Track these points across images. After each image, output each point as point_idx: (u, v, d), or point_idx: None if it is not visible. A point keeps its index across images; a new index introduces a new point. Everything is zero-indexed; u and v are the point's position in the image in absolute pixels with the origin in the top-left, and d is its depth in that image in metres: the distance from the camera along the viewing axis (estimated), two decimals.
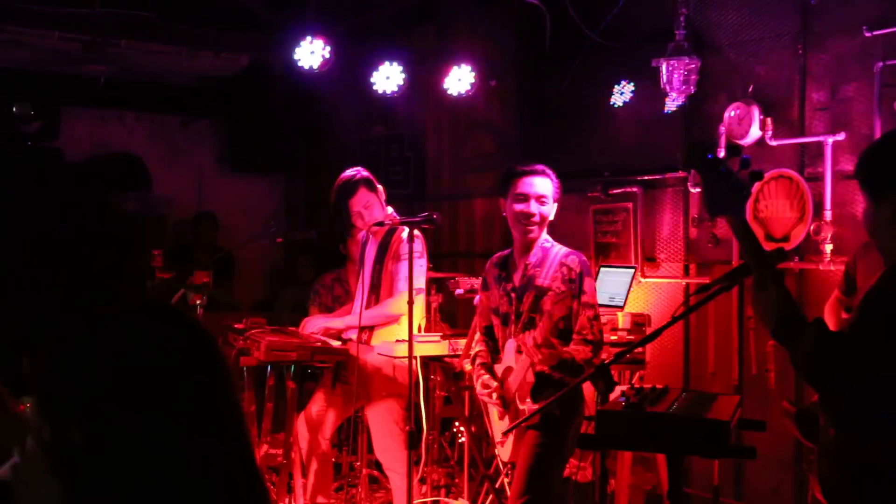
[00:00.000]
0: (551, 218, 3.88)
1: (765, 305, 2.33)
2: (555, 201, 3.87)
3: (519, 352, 3.71)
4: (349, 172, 4.76)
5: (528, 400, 3.72)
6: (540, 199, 3.82)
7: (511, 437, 3.83)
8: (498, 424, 3.96)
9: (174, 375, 1.50)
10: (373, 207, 4.70)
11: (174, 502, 1.46)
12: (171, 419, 1.48)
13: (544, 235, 3.89)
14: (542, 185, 3.84)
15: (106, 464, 1.44)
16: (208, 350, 1.58)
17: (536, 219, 3.82)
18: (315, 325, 4.80)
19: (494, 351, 4.01)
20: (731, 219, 2.32)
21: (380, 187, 4.75)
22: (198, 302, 5.55)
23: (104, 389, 1.46)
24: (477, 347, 4.08)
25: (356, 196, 4.69)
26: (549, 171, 3.88)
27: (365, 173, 4.74)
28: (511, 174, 3.90)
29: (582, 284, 3.74)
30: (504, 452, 3.92)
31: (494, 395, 3.86)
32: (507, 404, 3.86)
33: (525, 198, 3.83)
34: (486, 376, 3.92)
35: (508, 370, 3.82)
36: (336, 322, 4.86)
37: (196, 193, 8.65)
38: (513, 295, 3.85)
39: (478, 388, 3.94)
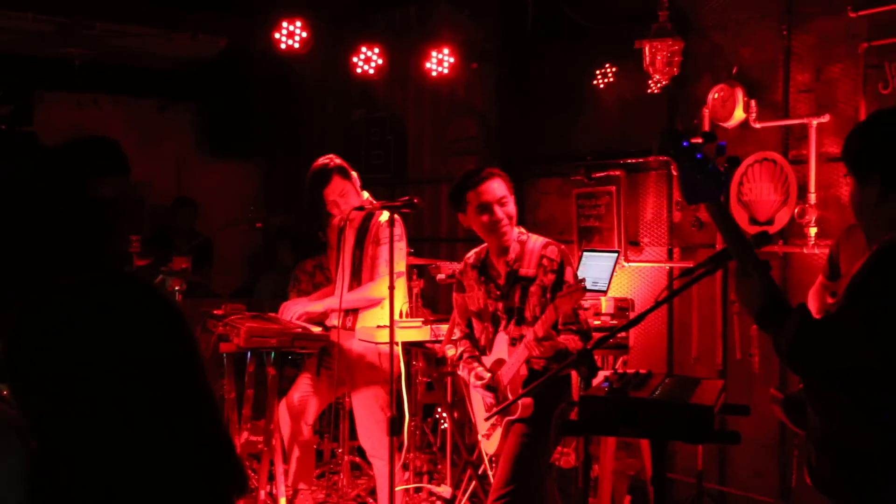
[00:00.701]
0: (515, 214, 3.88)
1: (747, 292, 2.33)
2: (511, 193, 3.87)
3: (513, 344, 3.71)
4: (321, 161, 4.72)
5: (520, 393, 3.72)
6: (501, 202, 3.81)
7: (498, 430, 3.83)
8: (482, 415, 3.96)
9: (143, 342, 1.48)
10: (348, 195, 4.68)
11: (147, 472, 1.44)
12: (142, 386, 1.46)
13: (517, 229, 3.88)
14: (499, 187, 3.82)
15: (78, 434, 1.42)
16: (175, 318, 1.55)
17: (505, 222, 3.81)
18: (294, 310, 4.78)
19: (477, 348, 4.02)
20: (710, 206, 2.31)
21: (354, 174, 4.72)
22: (176, 288, 5.52)
23: (70, 357, 1.44)
24: (461, 347, 4.07)
25: (330, 185, 4.66)
26: (494, 170, 3.88)
27: (338, 161, 4.70)
28: (463, 188, 3.87)
29: (563, 274, 3.74)
30: (489, 445, 3.92)
31: (486, 386, 3.87)
32: (497, 397, 3.86)
33: (488, 206, 3.81)
34: (479, 368, 3.92)
35: (499, 362, 3.82)
36: (316, 305, 4.83)
37: (174, 178, 8.58)
38: (499, 293, 3.84)
39: (471, 379, 3.93)
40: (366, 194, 4.80)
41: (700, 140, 2.30)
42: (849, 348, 2.21)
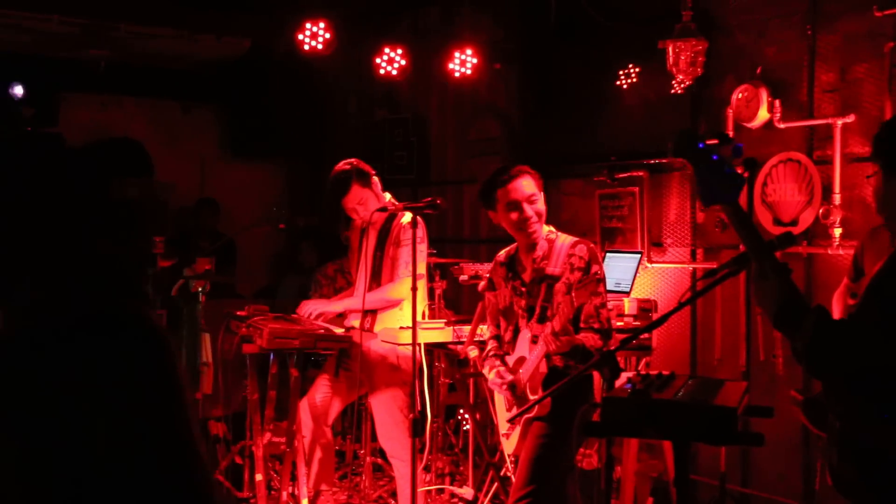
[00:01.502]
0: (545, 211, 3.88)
1: (765, 294, 2.32)
2: (541, 192, 3.87)
3: (534, 342, 3.71)
4: (341, 166, 4.72)
5: (540, 391, 3.72)
6: (531, 200, 3.80)
7: (517, 430, 3.83)
8: (504, 415, 3.96)
9: (132, 393, 1.50)
10: (367, 202, 4.68)
11: None
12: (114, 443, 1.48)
13: (546, 228, 3.88)
14: (528, 185, 3.82)
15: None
16: (161, 369, 1.56)
17: (534, 219, 3.80)
18: (312, 307, 4.79)
19: (502, 349, 4.03)
20: (726, 208, 2.30)
21: (375, 179, 4.72)
22: (199, 289, 5.57)
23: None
24: (488, 346, 4.09)
25: (349, 194, 4.67)
26: (524, 168, 3.87)
27: (359, 166, 4.71)
28: (492, 185, 3.86)
29: (589, 272, 3.74)
30: (508, 445, 3.92)
31: (506, 386, 3.87)
32: (516, 396, 3.86)
33: (517, 204, 3.80)
34: (502, 367, 3.93)
35: (521, 361, 3.83)
36: (335, 305, 4.84)
37: (198, 180, 8.64)
38: (523, 290, 3.85)
39: (491, 376, 3.94)
40: (388, 195, 4.81)
41: (716, 142, 2.29)
42: (867, 349, 2.20)
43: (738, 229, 2.33)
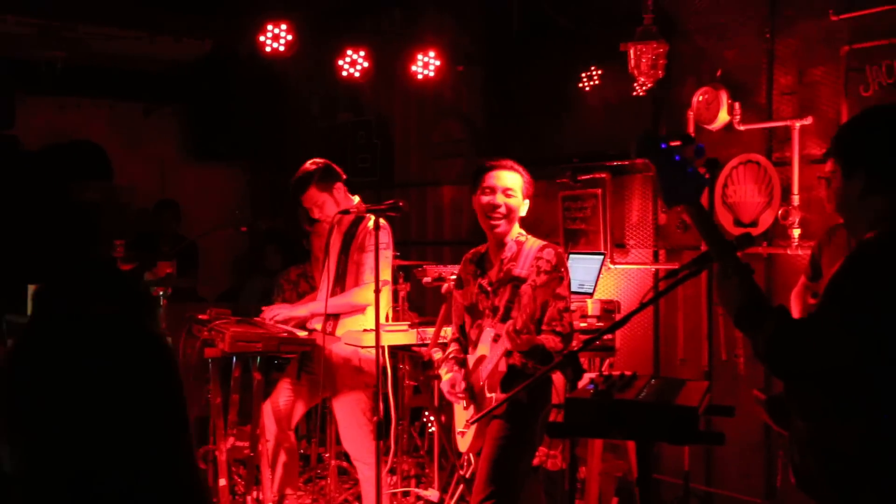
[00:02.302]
0: (521, 213, 3.88)
1: (728, 294, 2.35)
2: (525, 197, 3.87)
3: (496, 341, 3.72)
4: (305, 167, 4.73)
5: (498, 390, 3.73)
6: (506, 192, 3.82)
7: (472, 428, 3.83)
8: (461, 414, 3.97)
9: (120, 388, 1.49)
10: (326, 206, 4.69)
11: None
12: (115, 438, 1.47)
13: (517, 229, 3.89)
14: (510, 178, 3.85)
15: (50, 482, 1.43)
16: (159, 365, 1.56)
17: (502, 210, 3.82)
18: (276, 311, 4.78)
19: (464, 350, 4.03)
20: (689, 208, 2.33)
21: (337, 183, 4.72)
22: (161, 293, 5.51)
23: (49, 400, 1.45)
24: (450, 348, 4.09)
25: (306, 195, 4.69)
26: (518, 167, 3.89)
27: (324, 168, 4.70)
28: (481, 169, 3.91)
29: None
30: (463, 443, 3.93)
31: (460, 393, 3.88)
32: (474, 395, 3.87)
33: (492, 190, 3.84)
34: (457, 374, 3.92)
35: (481, 359, 3.83)
36: (300, 310, 4.84)
37: (159, 182, 8.55)
38: (489, 289, 3.86)
39: (445, 379, 3.94)
40: (356, 198, 4.80)
41: (678, 143, 2.32)
42: (827, 349, 2.24)
43: (701, 229, 2.36)
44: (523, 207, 3.88)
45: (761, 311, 2.30)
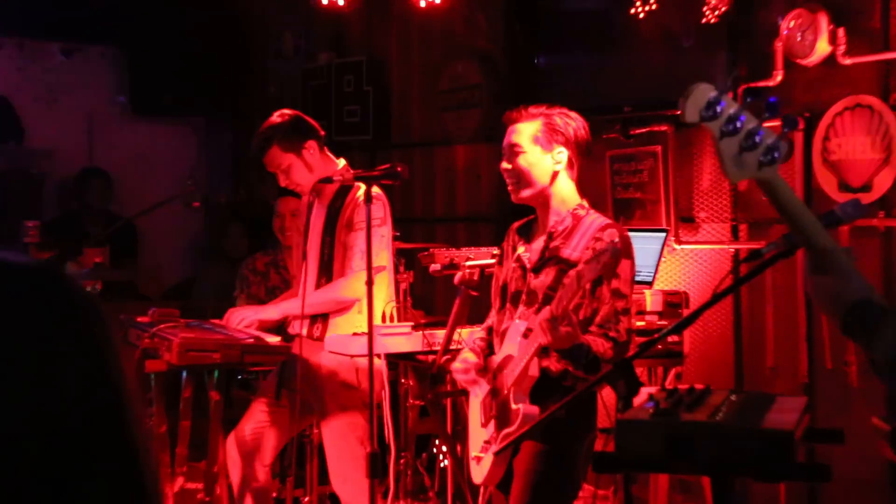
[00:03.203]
0: (543, 168, 3.84)
1: (825, 292, 2.29)
2: (547, 145, 3.84)
3: (526, 336, 3.72)
4: (271, 119, 4.78)
5: (527, 401, 3.70)
6: (512, 150, 3.85)
7: (490, 455, 3.82)
8: (477, 432, 3.96)
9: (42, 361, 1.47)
10: (293, 171, 4.72)
11: None
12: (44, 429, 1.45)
13: (571, 196, 3.90)
14: (515, 132, 3.87)
15: None
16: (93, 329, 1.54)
17: (510, 176, 3.86)
18: (242, 316, 4.78)
19: (491, 346, 4.04)
20: (761, 182, 2.27)
21: (312, 143, 4.71)
22: (89, 289, 5.51)
23: None
24: (478, 333, 4.13)
25: (268, 157, 4.72)
26: (530, 111, 3.88)
27: (291, 122, 4.73)
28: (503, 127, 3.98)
29: (617, 266, 3.74)
30: (478, 472, 3.92)
31: (473, 375, 3.88)
32: (496, 401, 3.86)
33: (503, 153, 3.89)
34: (477, 352, 3.94)
35: (508, 359, 3.83)
36: (270, 311, 4.85)
37: (85, 145, 8.60)
38: (528, 267, 3.86)
39: (457, 366, 3.95)
40: (342, 162, 4.81)
41: (732, 95, 2.28)
42: None
43: (782, 210, 2.30)
44: (542, 162, 3.84)
45: (875, 314, 2.23)
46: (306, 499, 5.50)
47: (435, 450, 5.84)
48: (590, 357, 3.62)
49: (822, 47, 5.04)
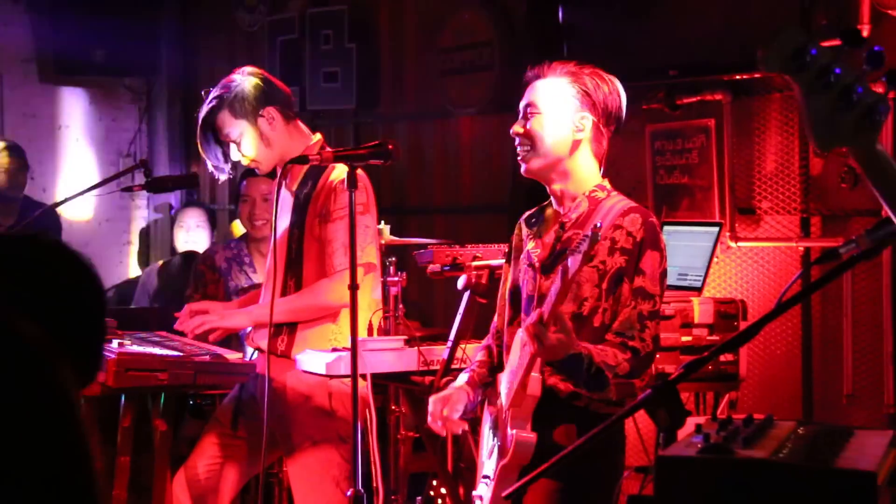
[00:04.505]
0: (559, 137, 3.86)
1: None
2: (562, 106, 3.86)
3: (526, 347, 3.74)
4: (228, 78, 4.80)
5: (528, 426, 3.73)
6: (525, 110, 3.89)
7: (489, 492, 3.85)
8: (485, 460, 4.00)
9: None
10: (244, 142, 4.74)
11: None
12: None
13: (592, 175, 3.92)
14: (533, 89, 3.91)
15: None
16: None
17: (522, 143, 3.88)
18: (204, 321, 4.78)
19: (497, 363, 4.05)
20: (857, 151, 2.30)
21: (268, 107, 4.73)
22: None
23: None
24: (478, 355, 4.14)
25: (217, 122, 4.73)
26: (551, 66, 3.91)
27: (249, 82, 4.74)
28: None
29: (640, 259, 3.76)
30: None
31: (440, 421, 3.90)
32: (497, 430, 3.90)
33: (517, 115, 3.93)
34: (460, 391, 3.94)
35: (511, 376, 3.86)
36: (239, 318, 4.86)
37: None
38: (537, 266, 3.88)
39: (431, 406, 3.95)
40: (316, 136, 4.83)
41: (839, 43, 2.29)
42: None
43: (877, 184, 2.33)
44: (561, 127, 3.86)
45: None
46: None
47: (432, 492, 5.87)
48: (592, 371, 3.62)
49: None
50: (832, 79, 2.21)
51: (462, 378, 4.03)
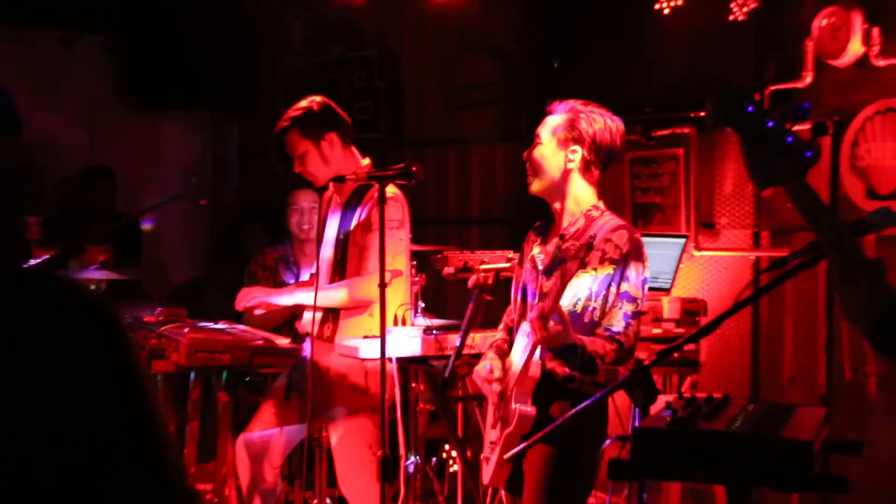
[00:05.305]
0: (553, 162, 3.92)
1: (855, 305, 2.31)
2: (563, 141, 3.91)
3: (528, 336, 3.78)
4: (298, 103, 4.81)
5: (529, 402, 3.79)
6: (535, 139, 3.99)
7: (495, 456, 3.89)
8: (488, 433, 4.05)
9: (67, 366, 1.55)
10: (308, 160, 4.74)
11: None
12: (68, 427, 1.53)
13: (588, 196, 3.97)
14: (543, 122, 4.00)
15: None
16: (113, 335, 1.62)
17: (528, 164, 3.98)
18: (253, 295, 4.83)
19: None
20: (790, 189, 2.27)
21: (330, 133, 4.75)
22: (92, 287, 5.58)
23: None
24: (499, 335, 4.19)
25: (286, 140, 4.75)
26: (562, 103, 3.99)
27: (319, 110, 4.76)
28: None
29: (626, 268, 3.80)
30: (486, 473, 4.00)
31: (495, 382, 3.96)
32: (502, 401, 3.94)
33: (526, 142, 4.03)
34: (495, 362, 4.00)
35: (517, 359, 3.90)
36: (283, 297, 4.89)
37: (86, 139, 8.52)
38: (540, 269, 3.93)
39: (478, 373, 4.02)
40: (366, 161, 4.85)
41: (757, 97, 2.30)
42: None
43: (810, 219, 2.31)
44: (555, 157, 3.92)
45: None
46: (315, 501, 5.53)
47: (444, 455, 5.89)
48: (585, 358, 3.67)
49: (855, 48, 5.01)
50: (765, 131, 2.23)
51: (492, 349, 4.11)
